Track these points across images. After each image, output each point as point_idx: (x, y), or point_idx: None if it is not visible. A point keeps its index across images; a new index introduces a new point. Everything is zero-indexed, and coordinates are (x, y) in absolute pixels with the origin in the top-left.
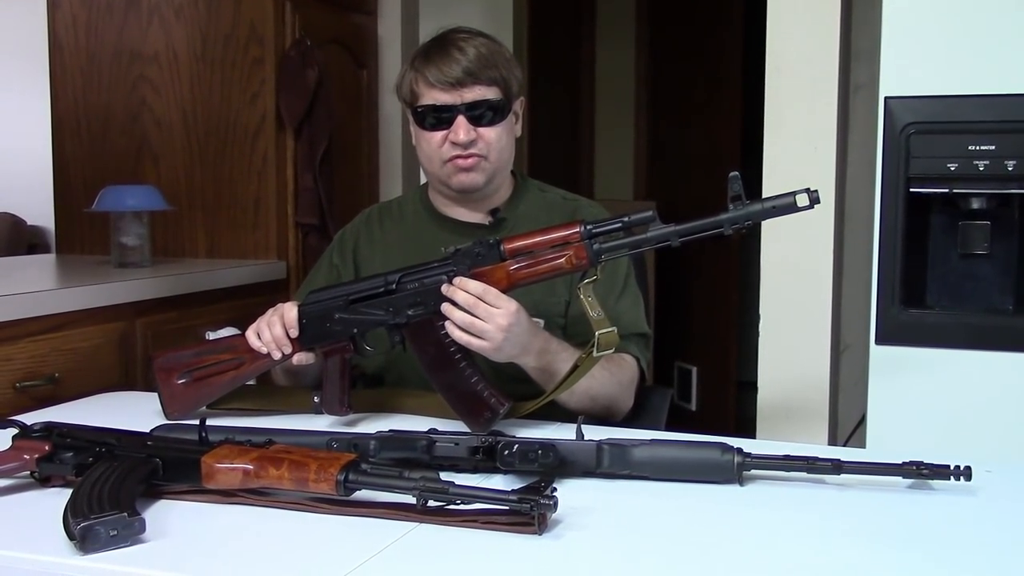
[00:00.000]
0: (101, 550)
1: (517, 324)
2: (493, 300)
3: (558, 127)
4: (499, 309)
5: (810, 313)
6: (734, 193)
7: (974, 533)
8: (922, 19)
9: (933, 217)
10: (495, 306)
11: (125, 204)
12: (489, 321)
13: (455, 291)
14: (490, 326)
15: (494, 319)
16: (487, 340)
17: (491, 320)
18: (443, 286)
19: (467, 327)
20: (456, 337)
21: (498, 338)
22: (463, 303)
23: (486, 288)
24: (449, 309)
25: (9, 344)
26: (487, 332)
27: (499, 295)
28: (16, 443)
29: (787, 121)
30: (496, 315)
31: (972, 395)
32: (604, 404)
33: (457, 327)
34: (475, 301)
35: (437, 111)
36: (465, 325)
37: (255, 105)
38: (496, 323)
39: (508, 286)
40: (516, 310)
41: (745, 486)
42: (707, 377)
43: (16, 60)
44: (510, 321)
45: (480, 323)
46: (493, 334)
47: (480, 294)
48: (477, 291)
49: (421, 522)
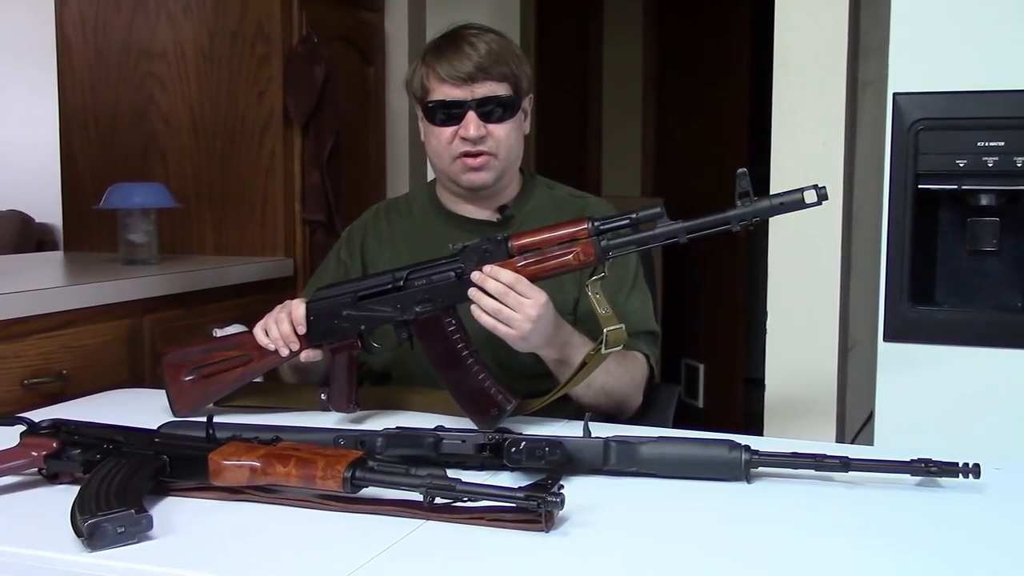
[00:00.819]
0: (109, 547)
1: (545, 316)
2: (524, 290)
3: (565, 124)
4: (529, 299)
5: (818, 310)
6: (742, 190)
7: (983, 531)
8: (931, 15)
9: (942, 214)
10: (526, 296)
11: (133, 201)
12: (518, 310)
13: (486, 279)
14: (519, 315)
15: (524, 308)
16: (514, 329)
17: (520, 309)
18: (474, 273)
19: (495, 314)
20: (483, 322)
21: (525, 328)
22: (494, 291)
23: (518, 278)
24: (478, 295)
25: (17, 341)
26: (515, 321)
27: (531, 286)
28: (24, 440)
29: (795, 117)
30: (526, 305)
31: (981, 392)
32: (617, 400)
33: (485, 312)
34: (505, 290)
35: (447, 106)
36: (493, 312)
37: (262, 102)
38: (525, 313)
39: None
40: (546, 302)
41: (753, 483)
42: (714, 374)
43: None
44: (539, 312)
45: (508, 311)
46: (521, 323)
47: (512, 283)
48: (509, 280)
49: (428, 519)
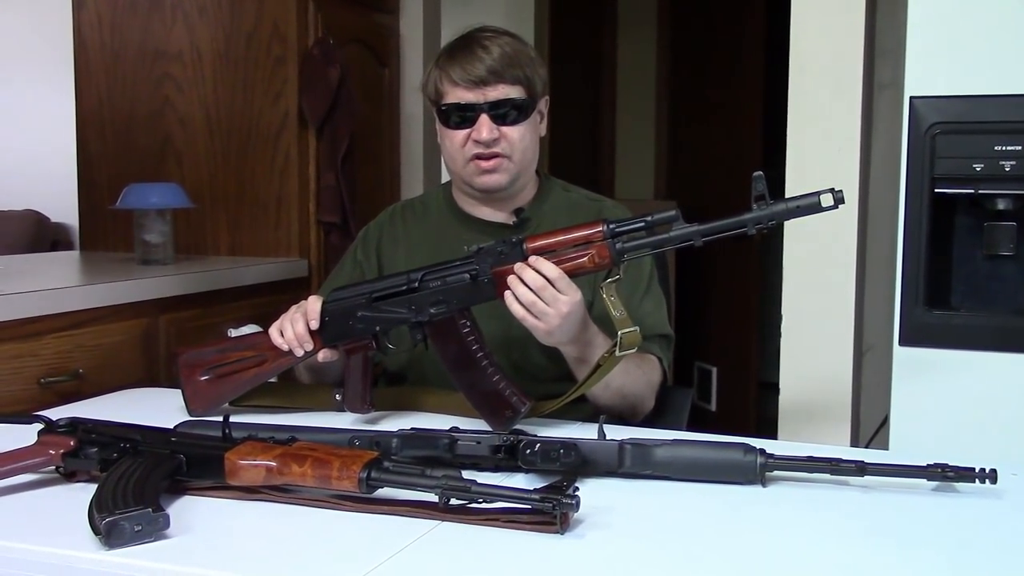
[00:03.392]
0: (126, 545)
1: (575, 313)
2: (564, 287)
3: (579, 126)
4: (565, 296)
5: (833, 314)
6: (758, 193)
7: (1000, 536)
8: (948, 18)
9: (958, 218)
10: (563, 293)
11: (148, 202)
12: (552, 305)
13: (526, 269)
14: (552, 310)
15: (557, 304)
16: (543, 322)
17: (554, 304)
18: (516, 264)
19: (529, 306)
20: (513, 310)
21: (554, 323)
22: (531, 283)
23: (561, 274)
24: (515, 283)
25: (34, 340)
26: (547, 315)
27: (570, 283)
28: (42, 438)
29: (811, 120)
30: (561, 301)
31: (997, 397)
32: (632, 403)
33: (518, 301)
34: (544, 284)
35: (461, 109)
36: (527, 304)
37: (278, 104)
38: (558, 309)
39: None
40: (579, 300)
41: (767, 487)
42: (727, 378)
43: (42, 59)
44: (571, 309)
45: (542, 305)
46: (551, 318)
47: (554, 278)
48: (552, 275)
49: (443, 520)
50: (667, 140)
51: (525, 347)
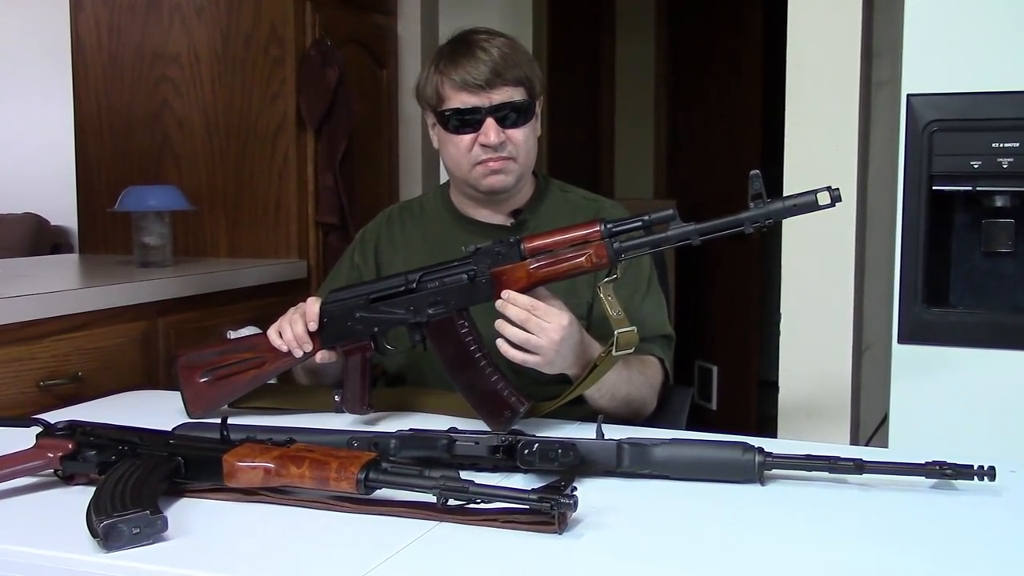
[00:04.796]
0: (124, 548)
1: (569, 337)
2: (543, 314)
3: (578, 125)
4: (550, 323)
5: (832, 312)
6: (755, 191)
7: (998, 534)
8: (945, 15)
9: (956, 215)
10: (545, 320)
11: (147, 204)
12: (541, 336)
13: (507, 305)
14: (543, 341)
15: (546, 333)
16: (540, 355)
17: (543, 334)
18: (497, 303)
19: (523, 344)
20: (511, 356)
21: (550, 353)
22: (515, 318)
23: (533, 302)
24: (502, 325)
25: (33, 343)
26: (541, 348)
27: (548, 309)
28: (40, 441)
29: (808, 118)
30: (548, 330)
31: (996, 394)
32: (636, 408)
33: (509, 344)
34: (527, 315)
35: (464, 114)
36: (521, 342)
37: (275, 105)
38: (548, 337)
39: (528, 285)
40: (568, 323)
41: (766, 486)
42: (727, 376)
43: (39, 61)
44: (562, 335)
45: (534, 339)
46: (546, 349)
47: (529, 307)
48: (525, 304)
49: (441, 521)
50: (666, 139)
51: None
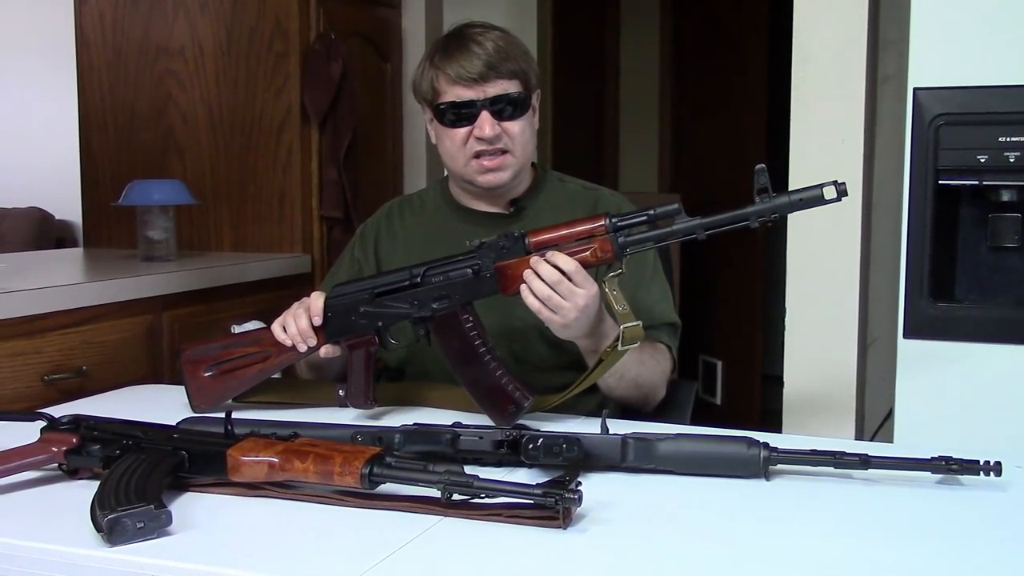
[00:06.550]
0: (128, 542)
1: (591, 306)
2: (580, 280)
3: (582, 120)
4: (582, 290)
5: (837, 306)
6: (760, 185)
7: (1004, 529)
8: (952, 8)
9: (962, 209)
10: (580, 286)
11: (151, 198)
12: (568, 299)
13: (541, 263)
14: (568, 303)
15: (574, 298)
16: (559, 316)
17: (571, 298)
18: (532, 257)
19: (545, 300)
20: (529, 304)
21: (571, 316)
22: (547, 277)
23: (577, 267)
24: (531, 277)
25: (38, 337)
26: (563, 309)
27: (586, 276)
28: (44, 435)
29: (814, 112)
30: (578, 295)
31: (1002, 389)
32: (646, 392)
33: (534, 296)
34: (560, 278)
35: (459, 107)
36: (544, 298)
37: (280, 99)
38: (575, 302)
39: None
40: (596, 293)
41: (771, 481)
42: (732, 371)
43: (44, 56)
44: (587, 303)
45: (558, 299)
46: (568, 312)
47: (571, 272)
48: (569, 268)
49: (446, 515)
50: (670, 133)
51: (526, 338)
